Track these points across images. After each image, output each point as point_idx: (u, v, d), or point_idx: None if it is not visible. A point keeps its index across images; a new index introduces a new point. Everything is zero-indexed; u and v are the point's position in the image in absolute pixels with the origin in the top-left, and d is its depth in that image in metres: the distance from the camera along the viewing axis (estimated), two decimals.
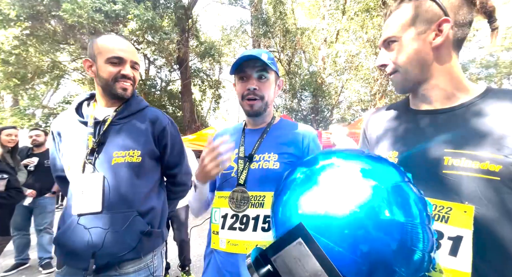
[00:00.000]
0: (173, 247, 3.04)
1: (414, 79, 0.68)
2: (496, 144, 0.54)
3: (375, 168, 0.55)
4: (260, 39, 10.92)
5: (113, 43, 1.00)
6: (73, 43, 8.11)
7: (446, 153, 0.59)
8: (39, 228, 3.07)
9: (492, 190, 0.53)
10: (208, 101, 15.07)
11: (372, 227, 0.46)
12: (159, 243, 1.05)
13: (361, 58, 10.02)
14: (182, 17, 9.40)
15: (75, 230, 0.92)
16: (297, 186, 0.61)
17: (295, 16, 12.04)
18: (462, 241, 0.54)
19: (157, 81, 13.25)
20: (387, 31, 0.69)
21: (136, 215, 0.95)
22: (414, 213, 0.49)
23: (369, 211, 0.48)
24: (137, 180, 0.99)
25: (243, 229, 0.86)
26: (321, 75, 11.05)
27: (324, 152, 0.70)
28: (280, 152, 0.92)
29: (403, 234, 0.46)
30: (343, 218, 0.48)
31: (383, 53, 0.71)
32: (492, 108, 0.59)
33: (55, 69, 10.52)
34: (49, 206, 3.16)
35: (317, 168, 0.60)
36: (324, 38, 10.99)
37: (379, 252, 0.46)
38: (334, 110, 13.62)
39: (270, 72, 0.95)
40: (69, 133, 1.04)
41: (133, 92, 1.09)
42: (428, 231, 0.49)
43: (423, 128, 0.67)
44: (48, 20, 7.79)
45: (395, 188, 0.51)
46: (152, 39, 8.41)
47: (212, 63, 12.38)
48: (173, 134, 1.13)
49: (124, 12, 7.22)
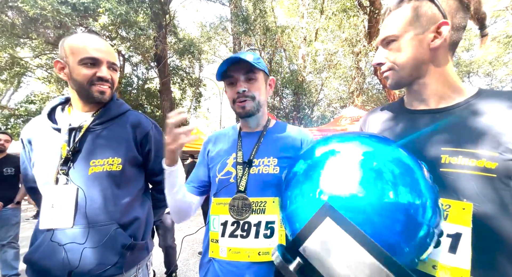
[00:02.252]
0: (158, 253, 2.91)
1: (408, 77, 0.70)
2: (492, 142, 0.56)
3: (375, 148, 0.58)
4: (241, 37, 10.82)
5: (86, 43, 0.90)
6: (36, 37, 7.40)
7: (443, 151, 0.60)
8: (2, 243, 2.77)
9: (489, 187, 0.54)
10: (188, 100, 14.68)
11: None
12: (144, 256, 0.98)
13: (339, 57, 10.34)
14: (159, 13, 9.00)
15: (48, 247, 0.82)
16: (301, 177, 0.61)
17: (275, 14, 12.09)
18: (461, 238, 0.55)
19: (134, 79, 12.61)
20: (386, 30, 0.69)
21: (116, 228, 0.87)
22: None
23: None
24: (117, 189, 0.91)
25: (245, 236, 0.83)
26: (301, 73, 11.24)
27: (319, 140, 0.70)
28: (280, 156, 0.89)
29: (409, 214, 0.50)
30: (367, 198, 0.50)
31: (381, 52, 0.72)
32: (486, 108, 0.61)
33: (15, 66, 9.56)
34: (13, 217, 2.87)
35: (317, 157, 0.62)
36: (303, 37, 11.17)
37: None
38: (315, 107, 13.97)
39: (258, 72, 0.92)
40: (41, 141, 0.94)
41: (112, 95, 1.00)
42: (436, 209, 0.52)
43: (419, 127, 0.68)
44: (5, 11, 7.02)
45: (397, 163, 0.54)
46: (126, 35, 7.96)
47: (192, 60, 12.06)
48: (157, 139, 1.06)
49: (94, 5, 6.73)
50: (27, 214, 6.21)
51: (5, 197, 2.79)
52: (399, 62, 0.68)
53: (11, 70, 9.74)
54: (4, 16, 7.09)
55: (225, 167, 0.91)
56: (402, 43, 0.67)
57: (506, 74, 14.65)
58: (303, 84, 11.37)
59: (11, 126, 12.44)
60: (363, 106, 11.86)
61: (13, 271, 2.80)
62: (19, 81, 12.09)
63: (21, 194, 2.93)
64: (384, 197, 0.50)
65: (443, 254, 0.57)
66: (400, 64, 0.68)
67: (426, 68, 0.67)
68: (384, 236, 0.48)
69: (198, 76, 13.83)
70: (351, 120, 6.33)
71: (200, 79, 13.62)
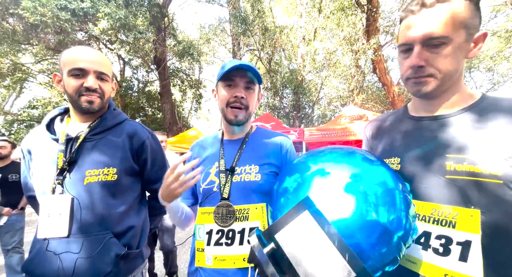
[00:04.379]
0: (160, 255, 2.94)
1: (446, 87, 0.64)
2: (497, 148, 0.55)
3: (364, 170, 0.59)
4: (240, 38, 10.84)
5: (75, 54, 0.92)
6: (37, 43, 7.47)
7: (448, 158, 0.59)
8: (7, 248, 2.82)
9: (495, 193, 0.53)
10: (189, 101, 14.73)
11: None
12: (139, 264, 1.00)
13: (338, 56, 10.31)
14: (157, 16, 9.04)
15: (44, 256, 0.85)
16: (291, 195, 0.63)
17: (273, 14, 12.08)
18: (471, 245, 0.54)
19: (134, 83, 12.68)
20: (435, 27, 0.58)
21: (110, 237, 0.89)
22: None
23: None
24: (112, 199, 0.93)
25: (230, 244, 0.84)
26: (301, 72, 11.23)
27: (312, 155, 0.71)
28: (261, 163, 0.91)
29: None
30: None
31: (422, 53, 0.62)
32: (490, 113, 0.60)
33: (17, 72, 9.66)
34: (17, 223, 2.93)
35: (308, 175, 0.63)
36: (302, 36, 11.15)
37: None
38: (315, 106, 13.94)
39: (256, 84, 0.96)
40: (39, 152, 0.96)
41: (105, 105, 1.02)
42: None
43: (424, 134, 0.67)
44: (6, 18, 7.10)
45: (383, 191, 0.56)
46: (126, 39, 8.01)
47: (192, 62, 12.08)
48: (154, 148, 1.08)
49: (94, 10, 6.78)
50: (32, 219, 6.28)
51: (10, 203, 2.85)
52: (445, 70, 0.61)
53: (13, 76, 9.84)
54: (5, 23, 7.18)
55: (208, 177, 0.93)
56: (452, 49, 0.59)
57: (508, 69, 14.48)
58: (303, 84, 11.35)
59: (14, 131, 12.57)
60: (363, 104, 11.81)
61: (19, 275, 2.85)
62: (21, 87, 12.21)
63: (25, 200, 2.99)
64: (367, 217, 0.53)
65: (453, 263, 0.56)
66: (446, 72, 0.62)
67: (456, 78, 0.64)
68: (359, 242, 0.52)
69: (198, 78, 13.85)
70: (350, 119, 6.32)
71: (200, 81, 13.65)
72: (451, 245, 0.56)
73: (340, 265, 0.45)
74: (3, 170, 2.92)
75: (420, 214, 0.62)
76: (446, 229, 0.57)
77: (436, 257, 0.58)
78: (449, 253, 0.56)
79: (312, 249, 0.48)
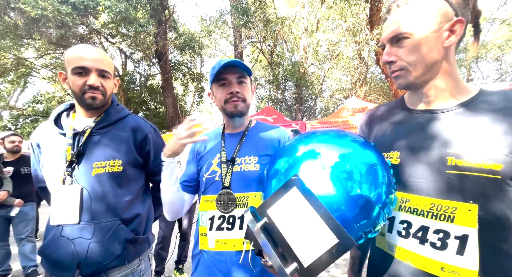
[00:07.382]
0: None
1: (421, 78, 0.66)
2: (497, 143, 0.55)
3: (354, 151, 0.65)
4: (241, 30, 10.70)
5: (77, 53, 0.96)
6: (39, 38, 7.50)
7: (449, 153, 0.60)
8: (20, 237, 2.96)
9: (494, 189, 0.54)
10: (191, 95, 14.74)
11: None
12: (145, 248, 1.08)
13: (341, 47, 10.15)
14: (158, 8, 8.96)
15: (59, 241, 0.92)
16: (283, 176, 0.69)
17: (275, 5, 11.84)
18: (468, 239, 0.55)
19: (136, 77, 12.70)
20: (396, 26, 0.65)
21: (119, 224, 0.96)
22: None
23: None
24: (119, 189, 0.99)
25: (230, 229, 0.91)
26: (303, 65, 11.10)
27: (305, 137, 0.74)
28: (260, 154, 0.97)
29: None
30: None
31: (391, 50, 0.67)
32: (489, 108, 0.60)
33: (20, 67, 9.75)
34: (30, 212, 3.06)
35: (299, 156, 0.68)
36: (304, 28, 10.96)
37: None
38: (318, 99, 13.84)
39: (247, 77, 1.01)
40: (48, 145, 1.02)
41: (108, 101, 1.07)
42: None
43: (424, 128, 0.67)
44: (7, 12, 7.11)
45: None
46: (127, 32, 7.98)
47: (193, 55, 12.02)
48: (156, 141, 1.13)
49: (94, 4, 6.75)
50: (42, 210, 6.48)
51: (23, 194, 2.99)
52: (412, 60, 0.64)
53: (17, 71, 9.94)
54: (6, 17, 7.19)
55: (210, 167, 1.00)
56: (417, 41, 0.63)
57: None
58: (305, 76, 11.24)
59: (20, 126, 12.79)
60: (366, 96, 11.70)
61: (32, 262, 3.01)
62: (25, 82, 12.31)
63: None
64: (351, 192, 0.59)
65: (451, 256, 0.57)
66: (413, 63, 0.64)
67: (438, 68, 0.65)
68: (344, 214, 0.58)
69: (200, 71, 13.80)
70: (352, 111, 6.31)
71: (202, 74, 13.60)
72: (449, 239, 0.57)
73: (325, 233, 0.51)
74: (15, 163, 3.04)
75: (418, 209, 0.63)
76: (444, 224, 0.58)
77: (433, 251, 0.59)
78: (446, 247, 0.57)
79: (301, 221, 0.54)
